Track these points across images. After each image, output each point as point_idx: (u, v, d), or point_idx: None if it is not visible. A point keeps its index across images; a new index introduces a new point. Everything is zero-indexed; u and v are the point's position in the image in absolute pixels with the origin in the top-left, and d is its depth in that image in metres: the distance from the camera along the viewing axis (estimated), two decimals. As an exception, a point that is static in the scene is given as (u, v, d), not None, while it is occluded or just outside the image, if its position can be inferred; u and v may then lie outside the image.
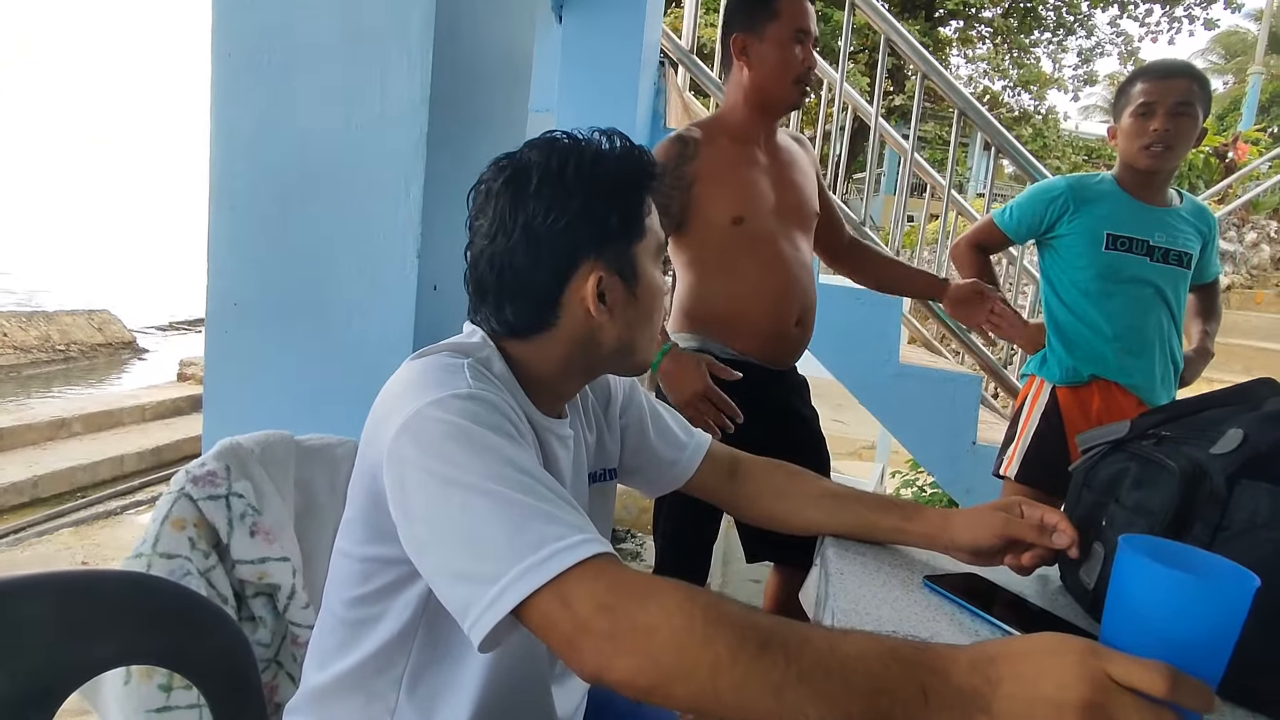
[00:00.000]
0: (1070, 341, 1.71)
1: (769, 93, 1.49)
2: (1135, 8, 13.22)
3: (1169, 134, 1.57)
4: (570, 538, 0.56)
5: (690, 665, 0.50)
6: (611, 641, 0.52)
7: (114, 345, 9.98)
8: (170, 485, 0.81)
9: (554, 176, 0.71)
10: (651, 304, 0.77)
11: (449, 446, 0.60)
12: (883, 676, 0.48)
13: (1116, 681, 0.44)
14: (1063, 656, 0.46)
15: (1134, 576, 0.48)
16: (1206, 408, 0.74)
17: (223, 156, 1.20)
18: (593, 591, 0.54)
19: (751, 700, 0.49)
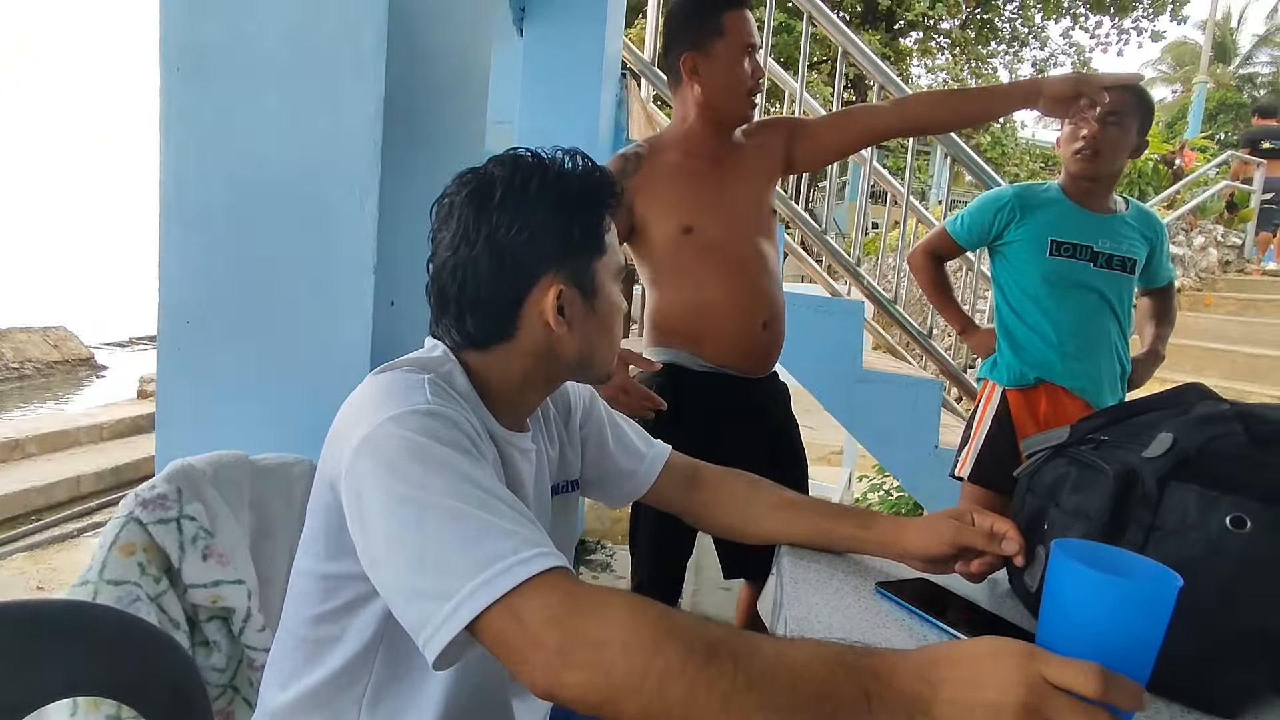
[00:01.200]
0: (1018, 346, 1.76)
1: (722, 108, 1.51)
2: (1086, 19, 13.65)
3: (1096, 140, 1.63)
4: (524, 552, 0.56)
5: (639, 678, 0.51)
6: (561, 656, 0.53)
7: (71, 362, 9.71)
8: (118, 509, 0.79)
9: (518, 190, 0.72)
10: (610, 318, 0.78)
11: (406, 463, 0.60)
12: (828, 682, 0.49)
13: (1052, 684, 0.46)
14: (1001, 660, 0.48)
15: (1065, 580, 0.50)
16: (1140, 412, 0.76)
17: (172, 172, 1.18)
18: (544, 606, 0.54)
19: (700, 710, 0.49)
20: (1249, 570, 0.61)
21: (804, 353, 2.51)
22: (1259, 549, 0.61)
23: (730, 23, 1.46)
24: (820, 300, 2.62)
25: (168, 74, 1.16)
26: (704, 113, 1.52)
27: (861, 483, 3.94)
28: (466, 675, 0.73)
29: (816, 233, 2.80)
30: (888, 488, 3.73)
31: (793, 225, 2.91)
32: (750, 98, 1.52)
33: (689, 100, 1.52)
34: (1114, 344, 1.72)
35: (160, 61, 1.16)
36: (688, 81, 1.50)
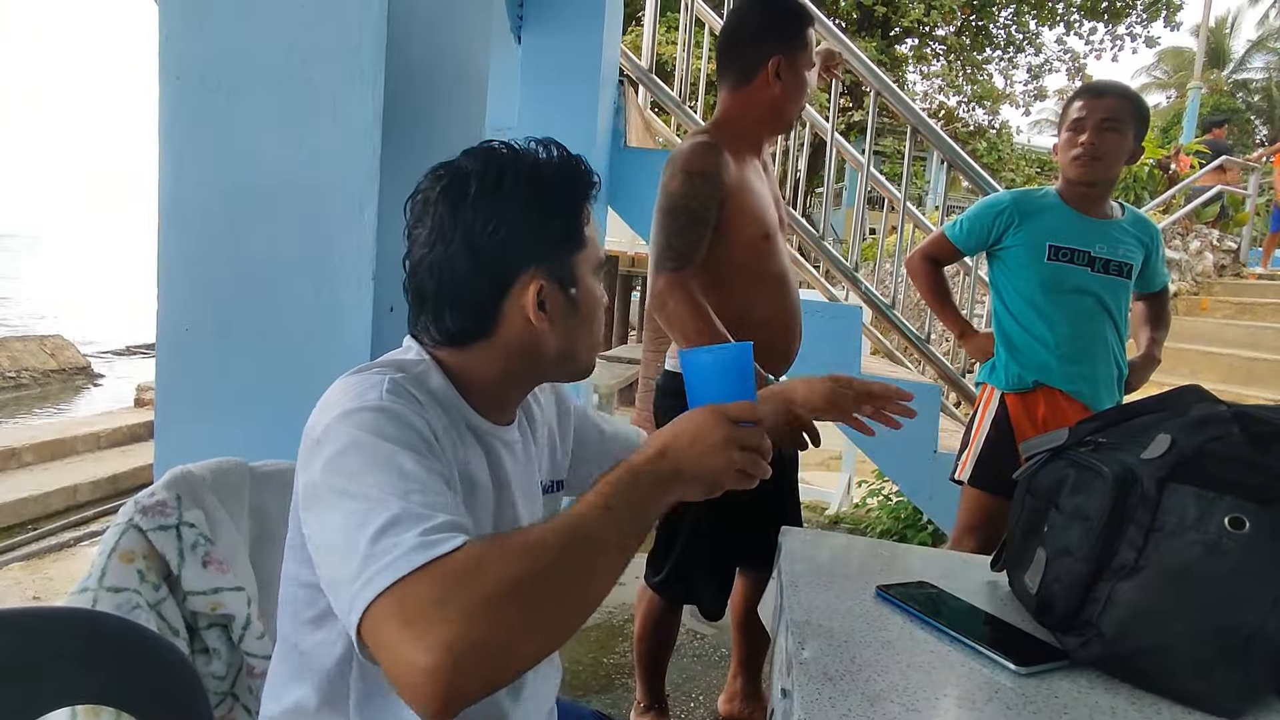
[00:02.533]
0: (1016, 349, 1.77)
1: (786, 114, 1.55)
2: (1080, 26, 13.73)
3: (1095, 147, 1.64)
4: (428, 537, 0.54)
5: (488, 633, 0.51)
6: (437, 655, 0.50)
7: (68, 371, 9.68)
8: (118, 516, 0.79)
9: (492, 185, 0.71)
10: (591, 312, 0.78)
11: (343, 458, 0.60)
12: (626, 503, 0.61)
13: (731, 419, 0.67)
14: (700, 418, 0.67)
15: (687, 366, 0.73)
16: (1138, 414, 0.76)
17: (172, 180, 1.18)
18: (424, 594, 0.52)
19: (562, 602, 0.55)
20: (1247, 570, 0.61)
21: (802, 358, 2.50)
22: (1257, 549, 0.61)
23: (810, 38, 1.52)
24: (819, 305, 2.62)
25: (167, 82, 1.16)
26: (772, 116, 1.54)
27: (861, 488, 3.94)
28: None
29: (814, 238, 2.80)
30: (887, 492, 3.73)
31: (791, 231, 2.92)
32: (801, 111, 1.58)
33: (758, 99, 1.51)
34: (1111, 348, 1.73)
35: (159, 70, 1.16)
36: (769, 82, 1.49)
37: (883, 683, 0.61)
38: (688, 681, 2.13)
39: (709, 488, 0.67)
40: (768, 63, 1.49)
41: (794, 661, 0.64)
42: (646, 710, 1.78)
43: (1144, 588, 0.65)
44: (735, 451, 0.66)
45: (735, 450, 0.66)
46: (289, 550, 0.73)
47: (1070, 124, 1.69)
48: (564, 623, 0.56)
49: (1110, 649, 0.66)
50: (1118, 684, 0.66)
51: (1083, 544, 0.69)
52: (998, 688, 0.63)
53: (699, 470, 0.65)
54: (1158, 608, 0.64)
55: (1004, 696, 0.61)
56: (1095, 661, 0.68)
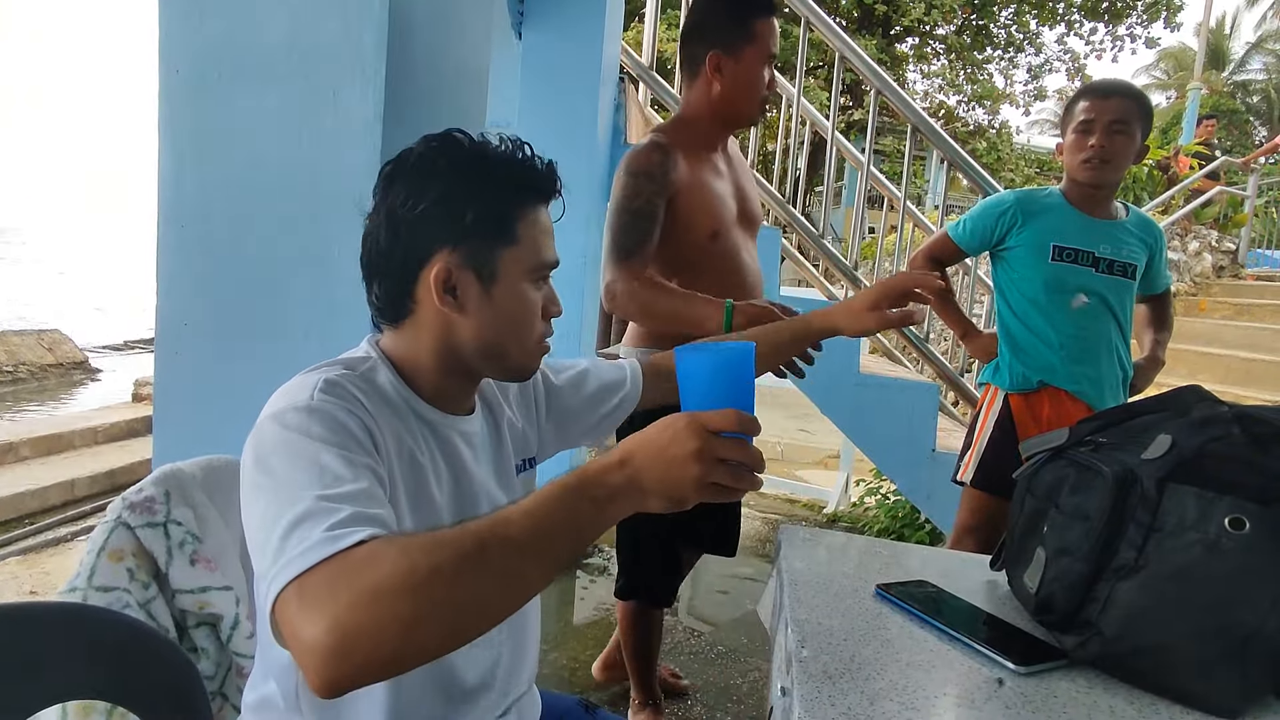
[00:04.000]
0: (1020, 349, 1.76)
1: (738, 110, 1.52)
2: (1081, 26, 13.71)
3: (1105, 150, 1.63)
4: (337, 530, 0.55)
5: (385, 621, 0.51)
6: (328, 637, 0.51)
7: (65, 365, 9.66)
8: (106, 514, 0.79)
9: (424, 165, 0.73)
10: (515, 311, 0.76)
11: (269, 454, 0.62)
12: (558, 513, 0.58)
13: (709, 429, 0.60)
14: (673, 427, 0.61)
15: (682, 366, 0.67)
16: (1139, 414, 0.76)
17: (171, 175, 1.18)
18: (322, 580, 0.53)
19: (462, 603, 0.54)
20: (1247, 571, 0.61)
21: (801, 356, 2.52)
22: (1257, 550, 0.61)
23: (760, 30, 1.49)
24: (818, 303, 2.62)
25: (167, 76, 1.16)
26: (718, 112, 1.53)
27: (859, 486, 3.95)
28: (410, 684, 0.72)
29: (814, 237, 2.80)
30: (885, 491, 3.73)
31: (790, 230, 2.92)
32: (762, 104, 1.54)
33: (704, 97, 1.52)
34: (1115, 347, 1.72)
35: (159, 63, 1.16)
36: (710, 79, 1.50)
37: (882, 681, 0.61)
38: (685, 679, 2.14)
39: (671, 502, 0.62)
40: (706, 60, 1.49)
41: (794, 660, 0.64)
42: (642, 707, 1.79)
43: (1143, 588, 0.65)
44: (708, 464, 0.60)
45: (709, 463, 0.60)
46: None
47: (1077, 125, 1.67)
48: (458, 622, 0.55)
49: (1109, 648, 0.66)
50: (1116, 684, 0.66)
51: (1082, 544, 0.69)
52: (997, 687, 0.63)
53: (662, 484, 0.60)
54: (1157, 608, 0.64)
55: (1003, 696, 0.61)
56: (1094, 661, 0.68)
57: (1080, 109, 1.67)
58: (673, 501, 0.62)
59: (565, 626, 2.37)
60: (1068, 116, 1.72)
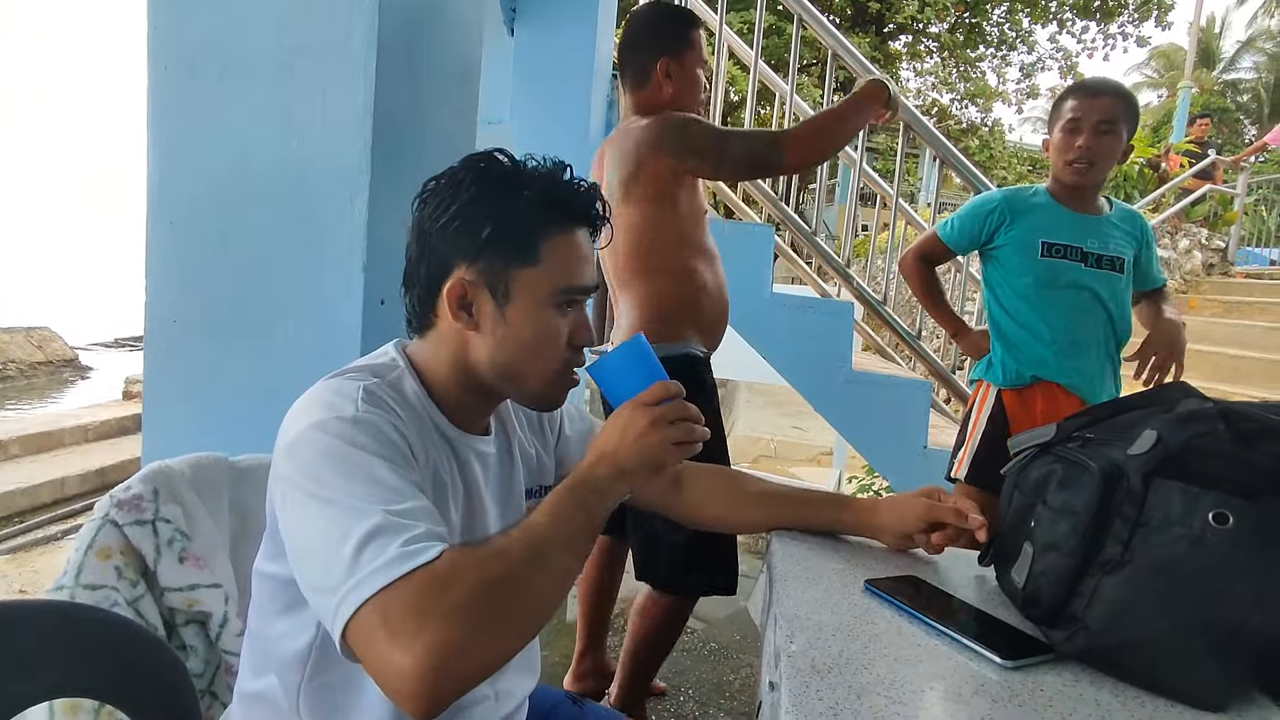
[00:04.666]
0: (1012, 344, 1.77)
1: (686, 106, 1.70)
2: (1073, 24, 13.77)
3: (1092, 150, 1.64)
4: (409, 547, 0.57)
5: (469, 634, 0.54)
6: (430, 657, 0.53)
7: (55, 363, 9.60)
8: (95, 511, 0.78)
9: (457, 181, 0.74)
10: (530, 334, 0.75)
11: (319, 466, 0.62)
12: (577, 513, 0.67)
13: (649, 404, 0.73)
14: (622, 417, 0.73)
15: (599, 374, 0.78)
16: (1125, 410, 0.77)
17: (160, 170, 1.17)
18: (406, 601, 0.55)
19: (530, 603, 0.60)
20: (1231, 565, 0.61)
21: (794, 353, 2.52)
22: (1241, 544, 0.61)
23: (694, 38, 1.71)
24: (810, 300, 2.63)
25: (156, 71, 1.15)
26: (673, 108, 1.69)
27: (851, 483, 3.96)
28: None
29: (806, 234, 2.80)
30: (877, 488, 3.75)
31: (783, 227, 2.92)
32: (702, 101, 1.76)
33: (658, 100, 1.69)
34: (1107, 342, 1.73)
35: (148, 59, 1.15)
36: (660, 83, 1.68)
37: (869, 675, 0.61)
38: (677, 675, 2.14)
39: (654, 469, 0.73)
40: (657, 66, 1.67)
41: (782, 654, 0.64)
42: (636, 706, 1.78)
43: (1129, 582, 0.65)
44: (664, 429, 0.72)
45: (664, 427, 0.72)
46: (261, 545, 0.75)
47: (1065, 124, 1.67)
48: (529, 622, 0.60)
49: (1095, 643, 0.66)
50: (1102, 677, 0.66)
51: (1069, 539, 0.69)
52: (984, 681, 0.63)
53: (638, 459, 0.71)
54: (1142, 602, 0.64)
55: (990, 690, 0.62)
56: (1080, 655, 0.68)
57: (1068, 107, 1.68)
58: (655, 468, 0.73)
59: (557, 623, 2.37)
60: (1055, 113, 1.73)
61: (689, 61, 1.69)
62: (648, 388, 0.74)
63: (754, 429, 5.29)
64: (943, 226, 1.90)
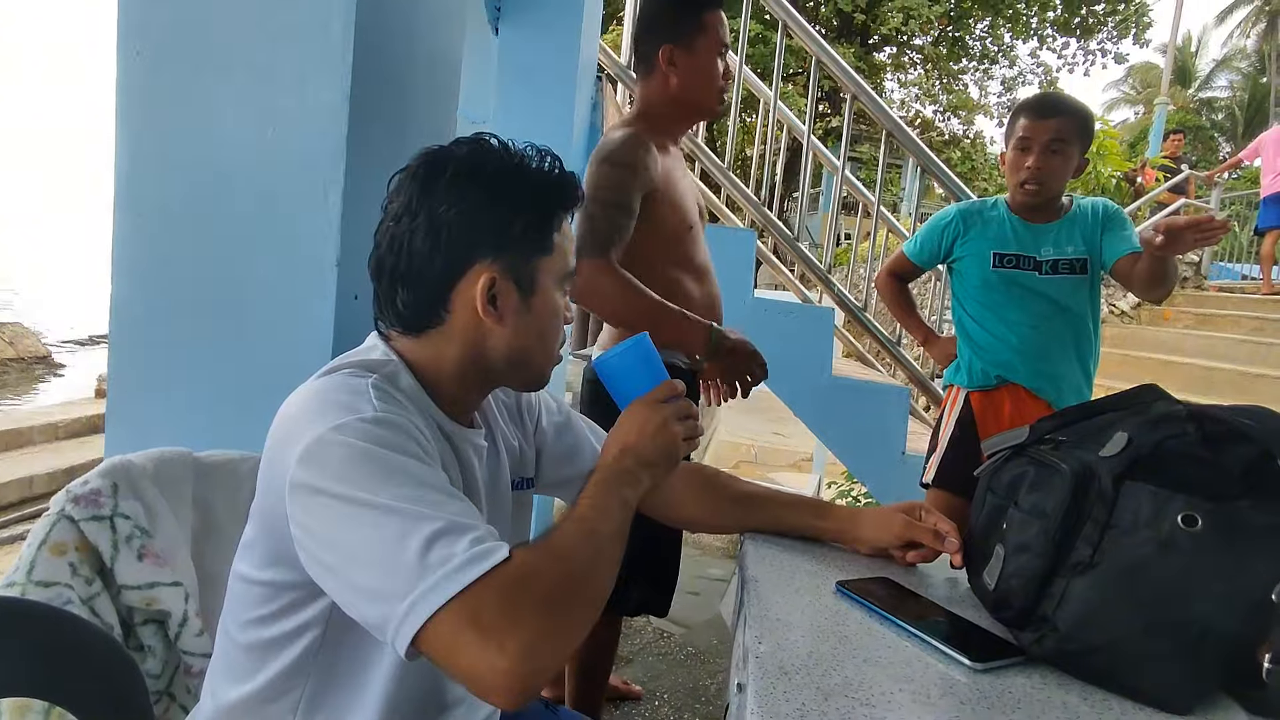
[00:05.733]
0: (979, 348, 1.80)
1: (696, 102, 1.53)
2: (1053, 40, 14.01)
3: (1041, 171, 1.66)
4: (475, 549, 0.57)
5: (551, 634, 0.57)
6: (523, 653, 0.55)
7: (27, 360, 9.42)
8: (50, 506, 0.76)
9: (469, 171, 0.72)
10: (547, 321, 0.77)
11: (354, 470, 0.60)
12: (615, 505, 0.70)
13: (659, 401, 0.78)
14: (637, 413, 0.78)
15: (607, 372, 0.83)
16: (1098, 412, 0.77)
17: (129, 160, 1.14)
18: (494, 605, 0.55)
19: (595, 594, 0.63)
20: (1199, 568, 0.61)
21: (774, 358, 2.50)
22: (1208, 547, 0.61)
23: (710, 20, 1.50)
24: (792, 307, 2.63)
25: (126, 57, 1.13)
26: (675, 105, 1.53)
27: (831, 489, 3.97)
28: (407, 680, 0.71)
29: (789, 240, 2.81)
30: (856, 494, 3.76)
31: (766, 232, 2.93)
32: (720, 96, 1.54)
33: (661, 91, 1.52)
34: (1073, 347, 1.74)
35: (118, 44, 1.13)
36: (664, 72, 1.50)
37: (838, 677, 0.61)
38: (653, 680, 2.13)
39: (671, 462, 0.78)
40: (659, 53, 1.49)
41: (750, 655, 0.63)
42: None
43: (1098, 584, 0.65)
44: (675, 424, 0.77)
45: (675, 424, 0.77)
46: (243, 549, 0.72)
47: (1017, 142, 1.70)
48: (596, 610, 0.63)
49: (1064, 645, 0.66)
50: (1071, 680, 0.66)
51: (1040, 540, 0.69)
52: (952, 683, 0.63)
53: (658, 452, 0.76)
54: (1111, 604, 0.64)
55: (958, 692, 0.61)
56: (1050, 657, 0.68)
57: (1020, 126, 1.69)
58: (671, 461, 0.78)
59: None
60: (1009, 129, 1.75)
61: (701, 48, 1.49)
62: (655, 386, 0.79)
63: (735, 434, 5.29)
64: (909, 244, 1.96)
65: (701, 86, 1.51)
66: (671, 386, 0.80)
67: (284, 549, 0.63)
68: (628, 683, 2.05)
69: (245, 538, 0.72)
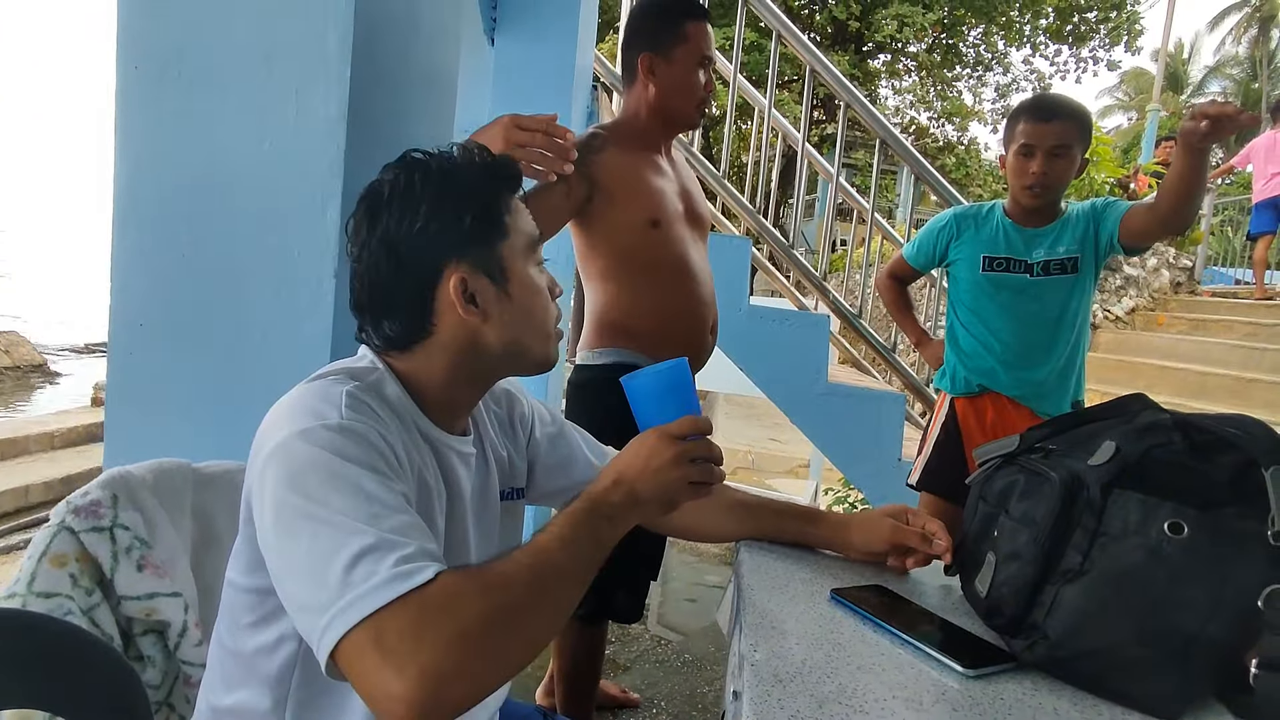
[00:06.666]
0: (964, 354, 1.83)
1: (673, 111, 1.54)
2: (1046, 48, 14.09)
3: (1047, 176, 1.67)
4: (399, 568, 0.55)
5: (460, 666, 0.53)
6: (421, 683, 0.52)
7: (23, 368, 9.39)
8: (51, 517, 0.76)
9: (404, 188, 0.73)
10: (529, 300, 0.77)
11: (305, 477, 0.60)
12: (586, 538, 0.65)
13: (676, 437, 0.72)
14: (647, 444, 0.72)
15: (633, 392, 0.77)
16: (1087, 421, 0.78)
17: (128, 172, 1.15)
18: (401, 625, 0.54)
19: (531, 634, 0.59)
20: (1186, 574, 0.63)
21: (770, 365, 2.53)
22: (1196, 554, 0.62)
23: (692, 31, 1.51)
24: (787, 313, 2.65)
25: (125, 71, 1.14)
26: (654, 113, 1.54)
27: (828, 495, 3.98)
28: None
29: (784, 247, 2.83)
30: (852, 500, 3.77)
31: (761, 240, 2.94)
32: (700, 108, 1.55)
33: (641, 99, 1.54)
34: (1058, 355, 1.74)
35: (117, 58, 1.14)
36: (643, 80, 1.52)
37: (832, 684, 0.61)
38: (651, 687, 2.13)
39: (666, 505, 0.72)
40: (639, 62, 1.51)
41: (745, 663, 0.64)
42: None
43: (1087, 591, 0.66)
44: (686, 466, 0.71)
45: (686, 465, 0.71)
46: (233, 556, 0.72)
47: (1019, 148, 1.69)
48: (529, 650, 0.59)
49: (1055, 651, 0.67)
50: (1062, 686, 0.67)
51: (1030, 548, 0.70)
52: (945, 689, 0.64)
53: (655, 491, 0.70)
54: (1101, 611, 0.65)
55: (950, 698, 0.62)
56: (1041, 664, 0.69)
57: (1020, 130, 1.69)
58: (667, 505, 0.71)
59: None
60: (1009, 133, 1.74)
61: (680, 58, 1.50)
62: (678, 419, 0.73)
63: (731, 440, 5.30)
64: (907, 247, 1.98)
65: (679, 95, 1.52)
66: (695, 423, 0.73)
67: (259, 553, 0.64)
68: (625, 690, 2.06)
69: (236, 545, 0.72)
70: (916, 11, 11.84)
